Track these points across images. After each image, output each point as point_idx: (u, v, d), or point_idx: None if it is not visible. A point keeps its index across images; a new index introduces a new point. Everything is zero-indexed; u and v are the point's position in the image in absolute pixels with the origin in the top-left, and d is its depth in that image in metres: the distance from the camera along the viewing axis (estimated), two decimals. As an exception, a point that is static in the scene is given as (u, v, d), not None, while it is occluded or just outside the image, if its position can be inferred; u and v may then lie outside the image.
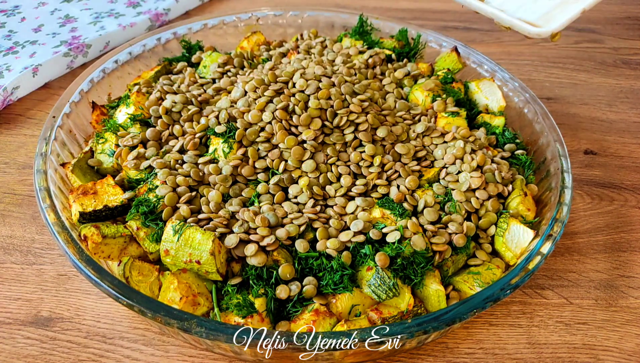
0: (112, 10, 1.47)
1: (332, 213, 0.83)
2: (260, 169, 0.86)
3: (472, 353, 0.80)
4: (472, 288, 0.78)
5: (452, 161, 0.89)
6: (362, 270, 0.77)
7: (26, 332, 0.81)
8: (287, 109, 0.88)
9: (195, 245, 0.74)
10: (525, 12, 0.96)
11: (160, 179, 0.83)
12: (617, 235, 0.98)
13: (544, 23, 0.94)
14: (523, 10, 0.96)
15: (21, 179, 1.06)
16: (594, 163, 1.13)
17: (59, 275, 0.89)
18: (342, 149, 0.88)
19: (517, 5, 0.97)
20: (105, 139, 0.93)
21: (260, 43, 1.18)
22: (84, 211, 0.81)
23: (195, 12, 1.57)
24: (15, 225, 0.97)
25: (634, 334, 0.83)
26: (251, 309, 0.72)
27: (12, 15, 1.45)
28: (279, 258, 0.76)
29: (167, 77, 1.05)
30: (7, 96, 1.19)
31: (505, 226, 0.83)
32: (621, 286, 0.90)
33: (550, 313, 0.86)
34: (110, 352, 0.79)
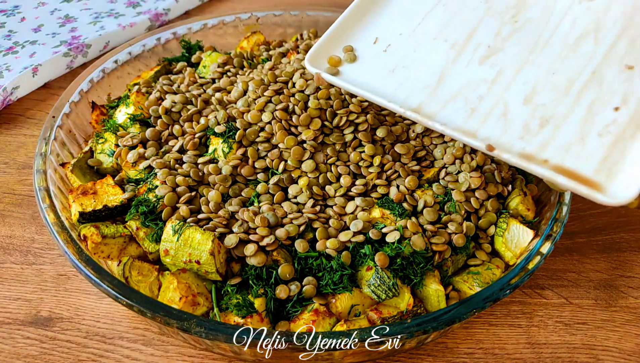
0: (112, 10, 1.47)
1: (332, 213, 0.83)
2: (259, 169, 0.86)
3: (472, 353, 0.80)
4: (472, 288, 0.78)
5: (452, 161, 0.89)
6: (362, 270, 0.77)
7: (26, 332, 0.81)
8: (287, 109, 0.88)
9: (194, 244, 0.74)
10: (577, 160, 0.67)
11: (159, 179, 0.83)
12: (617, 235, 0.98)
13: (606, 178, 0.65)
14: (573, 157, 0.67)
15: (21, 179, 1.06)
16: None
17: (58, 275, 0.89)
18: (342, 149, 0.88)
19: (563, 149, 0.69)
20: (105, 139, 0.93)
21: (260, 43, 1.18)
22: (83, 211, 0.81)
23: (195, 12, 1.57)
24: (15, 225, 0.97)
25: (634, 334, 0.83)
26: (251, 309, 0.72)
27: (12, 15, 1.45)
28: (278, 258, 0.76)
29: (167, 77, 1.05)
30: (7, 96, 1.19)
31: (505, 226, 0.83)
32: (621, 286, 0.90)
33: (550, 313, 0.86)
34: (110, 351, 0.79)
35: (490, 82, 0.77)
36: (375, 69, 0.82)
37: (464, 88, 0.77)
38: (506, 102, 0.75)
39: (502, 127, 0.72)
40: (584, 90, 0.73)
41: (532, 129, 0.72)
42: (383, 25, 0.87)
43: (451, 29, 0.84)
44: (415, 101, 0.76)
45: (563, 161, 0.68)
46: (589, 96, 0.73)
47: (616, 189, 0.65)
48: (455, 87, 0.77)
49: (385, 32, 0.86)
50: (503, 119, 0.73)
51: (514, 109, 0.74)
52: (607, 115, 0.71)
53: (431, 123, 0.74)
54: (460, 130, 0.72)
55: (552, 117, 0.72)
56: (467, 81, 0.78)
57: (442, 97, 0.76)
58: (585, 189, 0.64)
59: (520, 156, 0.69)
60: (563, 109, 0.72)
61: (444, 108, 0.75)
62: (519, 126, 0.72)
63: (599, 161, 0.67)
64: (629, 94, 0.71)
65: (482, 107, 0.75)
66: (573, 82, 0.74)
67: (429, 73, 0.79)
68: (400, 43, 0.84)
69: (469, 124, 0.73)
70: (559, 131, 0.71)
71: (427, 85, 0.78)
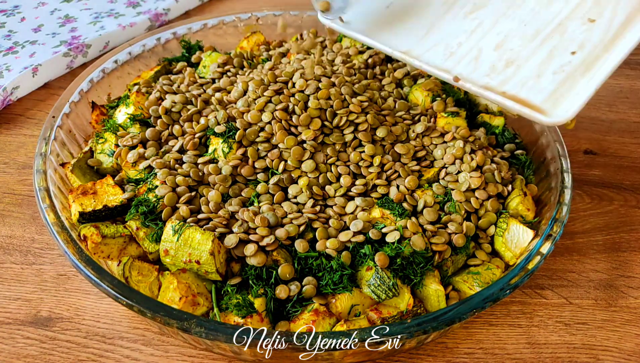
0: (111, 10, 1.47)
1: (332, 213, 0.83)
2: (259, 169, 0.86)
3: (472, 353, 0.80)
4: (472, 288, 0.78)
5: (452, 161, 0.89)
6: (362, 270, 0.77)
7: (26, 332, 0.81)
8: (287, 109, 0.88)
9: (194, 244, 0.74)
10: (530, 92, 0.80)
11: (159, 179, 0.83)
12: (616, 235, 0.98)
13: (552, 106, 0.77)
14: (527, 90, 0.80)
15: (21, 179, 1.06)
16: (593, 163, 1.13)
17: (58, 275, 0.89)
18: (342, 149, 0.88)
19: (520, 83, 0.81)
20: (105, 139, 0.93)
21: (260, 43, 1.18)
22: (83, 211, 0.81)
23: (195, 12, 1.57)
24: (15, 225, 0.97)
25: (634, 334, 0.83)
26: (251, 309, 0.72)
27: (12, 15, 1.45)
28: (278, 258, 0.76)
29: (167, 77, 1.05)
30: (7, 96, 1.19)
31: (505, 226, 0.83)
32: (621, 286, 0.90)
33: (550, 313, 0.86)
34: (110, 351, 0.79)
35: (469, 32, 0.91)
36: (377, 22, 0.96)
37: (447, 37, 0.92)
38: (480, 48, 0.88)
39: (472, 67, 0.86)
40: (547, 38, 0.85)
41: (498, 68, 0.85)
42: None
43: None
44: (404, 46, 0.91)
45: (518, 93, 0.81)
46: (551, 42, 0.85)
47: (557, 112, 0.77)
48: (440, 36, 0.92)
49: None
50: (474, 61, 0.87)
51: (486, 53, 0.88)
52: (564, 57, 0.83)
53: (412, 60, 0.89)
54: (436, 67, 0.87)
55: (517, 59, 0.85)
56: (451, 31, 0.92)
57: (427, 44, 0.91)
58: (529, 111, 0.78)
59: (480, 86, 0.83)
60: (527, 52, 0.85)
61: (428, 52, 0.90)
62: (487, 66, 0.86)
63: (549, 93, 0.79)
64: (586, 40, 0.83)
65: (459, 51, 0.89)
66: (539, 31, 0.87)
67: (420, 25, 0.94)
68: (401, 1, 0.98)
69: (445, 64, 0.88)
70: (520, 70, 0.83)
71: (418, 35, 0.93)
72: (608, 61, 0.79)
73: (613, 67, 0.79)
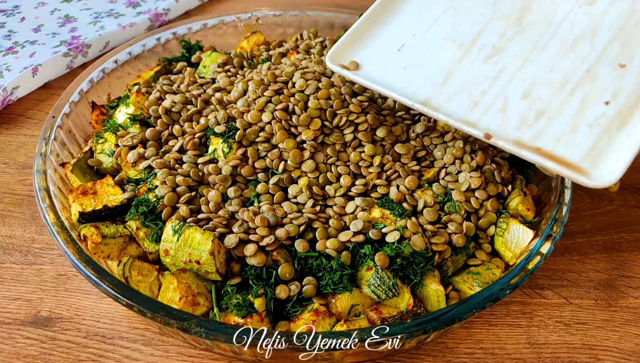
0: (111, 10, 1.47)
1: (332, 213, 0.83)
2: (259, 169, 0.86)
3: (472, 353, 0.80)
4: (472, 288, 0.78)
5: (452, 161, 0.89)
6: (362, 270, 0.77)
7: (26, 332, 0.81)
8: (287, 109, 0.88)
9: (194, 244, 0.74)
10: (566, 149, 0.73)
11: (159, 179, 0.83)
12: (617, 235, 0.98)
13: (591, 164, 0.71)
14: (563, 146, 0.73)
15: (21, 179, 1.06)
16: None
17: (58, 275, 0.89)
18: (342, 149, 0.88)
19: (554, 138, 0.74)
20: (105, 139, 0.93)
21: (259, 43, 1.18)
22: (83, 211, 0.81)
23: (195, 12, 1.57)
24: (15, 225, 0.97)
25: (634, 334, 0.83)
26: (251, 309, 0.72)
27: (12, 15, 1.45)
28: (278, 258, 0.76)
29: (167, 77, 1.05)
30: (7, 96, 1.19)
31: (505, 226, 0.83)
32: (621, 286, 0.90)
33: (550, 313, 0.86)
34: (110, 351, 0.79)
35: (492, 79, 0.83)
36: (389, 67, 0.89)
37: (468, 84, 0.84)
38: (506, 97, 0.81)
39: (500, 119, 0.79)
40: (578, 86, 0.79)
41: (528, 120, 0.78)
42: (398, 27, 0.93)
43: (460, 30, 0.90)
44: (423, 95, 0.83)
45: (554, 149, 0.74)
46: (582, 91, 0.79)
47: (600, 173, 0.71)
48: (460, 83, 0.84)
49: (400, 33, 0.92)
50: (502, 112, 0.79)
51: (513, 103, 0.80)
52: (597, 108, 0.77)
53: (436, 114, 0.81)
54: (462, 120, 0.79)
55: (547, 110, 0.78)
56: (472, 77, 0.84)
57: (448, 92, 0.83)
58: (571, 173, 0.71)
59: (514, 143, 0.76)
60: (558, 103, 0.79)
61: (449, 102, 0.82)
62: (516, 118, 0.79)
63: (587, 149, 0.73)
64: (619, 89, 0.77)
65: (484, 101, 0.81)
66: (568, 79, 0.80)
67: (437, 71, 0.86)
68: (413, 43, 0.91)
69: (470, 116, 0.80)
70: (552, 123, 0.77)
71: (435, 81, 0.85)
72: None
73: None
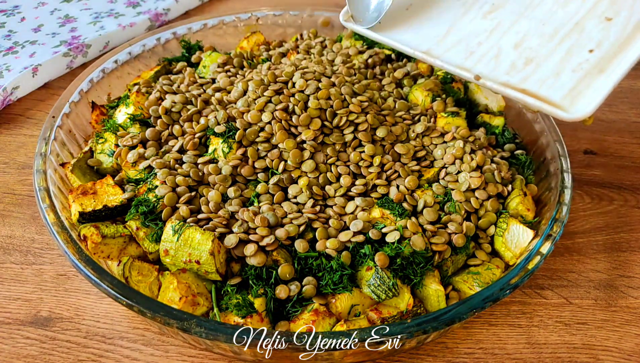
0: (111, 10, 1.47)
1: (332, 213, 0.83)
2: (259, 169, 0.86)
3: (472, 353, 0.80)
4: (472, 288, 0.78)
5: (452, 161, 0.89)
6: (362, 270, 0.77)
7: (25, 332, 0.81)
8: (287, 109, 0.88)
9: (194, 244, 0.74)
10: (549, 90, 0.81)
11: (159, 179, 0.83)
12: (616, 235, 0.98)
13: (571, 103, 0.79)
14: (547, 87, 0.81)
15: (21, 179, 1.06)
16: (593, 162, 1.13)
17: (58, 275, 0.89)
18: (342, 149, 0.88)
19: (540, 81, 0.82)
20: (105, 139, 0.93)
21: (259, 43, 1.18)
22: (83, 211, 0.81)
23: (195, 12, 1.57)
24: (15, 225, 0.97)
25: (634, 334, 0.83)
26: (250, 309, 0.72)
27: (12, 15, 1.45)
28: (278, 258, 0.76)
29: (167, 77, 1.05)
30: (7, 96, 1.19)
31: (505, 226, 0.83)
32: (621, 286, 0.90)
33: (550, 313, 0.86)
34: (110, 352, 0.79)
35: (489, 32, 0.91)
36: (397, 23, 0.97)
37: (466, 37, 0.92)
38: (500, 47, 0.89)
39: (492, 66, 0.87)
40: (566, 37, 0.86)
41: (517, 66, 0.86)
42: None
43: None
44: (425, 46, 0.92)
45: (538, 91, 0.82)
46: (569, 41, 0.86)
47: (576, 108, 0.78)
48: (459, 36, 0.93)
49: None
50: (495, 59, 0.88)
51: (505, 52, 0.88)
52: (582, 55, 0.84)
53: (434, 60, 0.90)
54: (458, 66, 0.88)
55: (536, 57, 0.86)
56: (470, 31, 0.93)
57: (447, 44, 0.92)
58: (550, 108, 0.79)
59: (501, 84, 0.84)
60: (546, 51, 0.86)
61: (448, 52, 0.91)
62: (506, 65, 0.86)
63: (568, 90, 0.80)
64: (603, 39, 0.84)
65: (479, 50, 0.89)
66: (558, 30, 0.88)
67: (440, 26, 0.95)
68: (420, 2, 0.99)
69: (465, 63, 0.88)
70: (539, 68, 0.85)
71: (437, 34, 0.93)
72: (625, 59, 0.81)
73: (630, 65, 0.80)
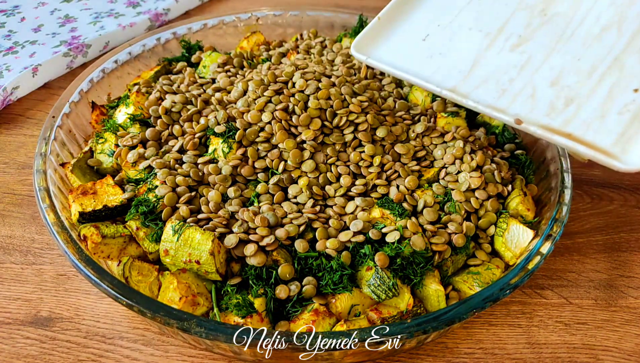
0: (111, 10, 1.47)
1: (332, 213, 0.83)
2: (259, 169, 0.86)
3: (472, 353, 0.80)
4: (472, 288, 0.78)
5: (452, 161, 0.89)
6: (362, 270, 0.77)
7: (25, 332, 0.81)
8: (287, 109, 0.88)
9: (194, 244, 0.74)
10: (597, 135, 0.74)
11: (159, 179, 0.83)
12: (616, 235, 0.98)
13: (621, 150, 0.72)
14: (593, 132, 0.74)
15: (21, 179, 1.06)
16: (593, 162, 1.13)
17: (58, 275, 0.89)
18: (342, 149, 0.88)
19: (584, 124, 0.75)
20: (105, 139, 0.93)
21: (259, 43, 1.18)
22: (83, 211, 0.81)
23: (195, 12, 1.57)
24: (15, 225, 0.97)
25: (634, 334, 0.83)
26: (250, 309, 0.72)
27: (12, 15, 1.45)
28: (278, 258, 0.76)
29: (167, 77, 1.05)
30: (7, 96, 1.19)
31: (505, 226, 0.83)
32: (621, 286, 0.90)
33: (550, 313, 0.86)
34: (110, 351, 0.79)
35: (519, 67, 0.84)
36: (414, 56, 0.90)
37: (495, 72, 0.85)
38: (534, 85, 0.82)
39: (530, 106, 0.80)
40: (606, 74, 0.80)
41: (557, 107, 0.79)
42: (423, 17, 0.94)
43: (485, 20, 0.91)
44: (450, 83, 0.84)
45: (584, 135, 0.75)
46: (610, 79, 0.80)
47: (631, 158, 0.72)
48: (487, 71, 0.85)
49: (425, 23, 0.94)
50: (531, 99, 0.80)
51: (541, 91, 0.81)
52: (626, 96, 0.77)
53: (465, 101, 0.81)
54: (491, 107, 0.80)
55: (576, 97, 0.79)
56: (498, 66, 0.85)
57: (475, 80, 0.84)
58: (604, 157, 0.72)
59: (545, 128, 0.77)
60: (586, 90, 0.79)
61: (477, 89, 0.83)
62: (545, 105, 0.79)
63: (617, 135, 0.74)
64: None
65: (512, 88, 0.82)
66: (596, 67, 0.81)
67: (463, 59, 0.87)
68: (438, 33, 0.92)
69: (499, 102, 0.81)
70: (581, 110, 0.78)
71: (462, 70, 0.86)
72: None
73: None
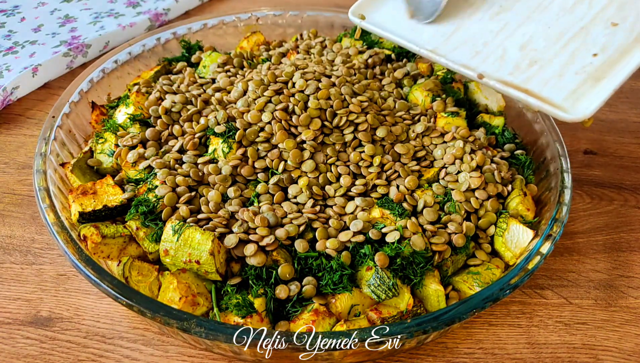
0: (111, 10, 1.47)
1: (332, 213, 0.83)
2: (259, 169, 0.86)
3: (472, 353, 0.80)
4: (472, 288, 0.78)
5: (452, 161, 0.89)
6: (362, 270, 0.77)
7: (25, 332, 0.81)
8: (287, 109, 0.88)
9: (194, 244, 0.74)
10: (552, 91, 0.82)
11: (159, 179, 0.83)
12: (616, 235, 0.98)
13: (572, 104, 0.79)
14: (549, 88, 0.82)
15: (21, 179, 1.06)
16: (593, 162, 1.13)
17: (58, 275, 0.89)
18: (342, 149, 0.88)
19: (542, 82, 0.83)
20: (105, 139, 0.93)
21: (259, 43, 1.18)
22: (83, 211, 0.81)
23: (195, 12, 1.57)
24: (15, 225, 0.97)
25: (634, 334, 0.83)
26: (250, 309, 0.72)
27: (12, 15, 1.45)
28: (278, 258, 0.76)
29: (167, 77, 1.05)
30: (7, 96, 1.19)
31: (505, 226, 0.83)
32: (621, 286, 0.90)
33: (550, 313, 0.86)
34: (110, 351, 0.79)
35: (495, 33, 0.92)
36: (404, 22, 0.98)
37: (473, 36, 0.93)
38: (505, 48, 0.90)
39: (497, 66, 0.88)
40: (571, 40, 0.87)
41: (522, 67, 0.87)
42: None
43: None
44: (431, 45, 0.93)
45: (540, 91, 0.82)
46: (574, 44, 0.86)
47: (577, 110, 0.79)
48: (466, 35, 0.94)
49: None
50: (500, 60, 0.89)
51: (511, 53, 0.89)
52: (586, 59, 0.84)
53: (439, 58, 0.91)
54: (463, 65, 0.89)
55: (540, 59, 0.87)
56: (477, 31, 0.94)
57: (454, 43, 0.93)
58: (551, 108, 0.80)
59: (504, 83, 0.85)
60: (550, 53, 0.87)
61: (454, 50, 0.92)
62: (511, 65, 0.87)
63: (570, 91, 0.81)
64: (608, 43, 0.85)
65: (485, 50, 0.91)
66: (564, 34, 0.89)
67: (448, 25, 0.96)
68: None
69: (471, 62, 0.89)
70: (543, 69, 0.85)
71: (444, 33, 0.95)
72: (627, 64, 0.81)
73: (631, 70, 0.80)
